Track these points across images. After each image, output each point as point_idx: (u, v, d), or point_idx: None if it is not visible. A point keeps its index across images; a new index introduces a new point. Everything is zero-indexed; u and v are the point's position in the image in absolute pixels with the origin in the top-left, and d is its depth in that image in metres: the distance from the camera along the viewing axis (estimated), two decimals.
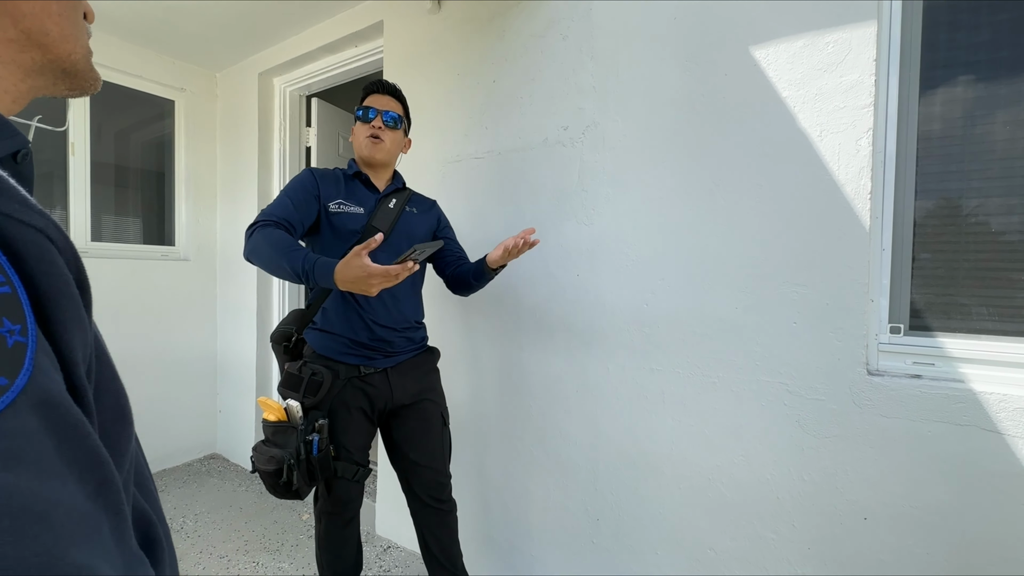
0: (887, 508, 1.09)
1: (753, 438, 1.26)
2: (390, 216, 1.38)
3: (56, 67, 0.37)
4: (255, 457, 1.29)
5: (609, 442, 1.49)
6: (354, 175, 1.41)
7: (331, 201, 1.33)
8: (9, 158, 0.35)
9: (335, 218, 1.32)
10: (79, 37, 0.38)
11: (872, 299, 1.14)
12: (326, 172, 1.39)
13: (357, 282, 1.06)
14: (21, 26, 0.34)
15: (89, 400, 0.27)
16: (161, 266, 2.75)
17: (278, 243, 1.16)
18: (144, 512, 0.36)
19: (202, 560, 1.94)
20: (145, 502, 0.38)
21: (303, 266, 1.10)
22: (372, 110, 1.37)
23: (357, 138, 1.39)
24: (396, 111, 1.40)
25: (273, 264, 1.16)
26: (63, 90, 0.40)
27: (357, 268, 1.04)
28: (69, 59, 0.37)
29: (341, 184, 1.38)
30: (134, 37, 2.50)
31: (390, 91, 1.41)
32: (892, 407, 1.09)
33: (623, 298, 1.46)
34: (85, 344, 0.27)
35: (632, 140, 1.43)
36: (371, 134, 1.36)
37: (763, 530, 1.25)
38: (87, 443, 0.24)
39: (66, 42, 0.37)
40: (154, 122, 2.82)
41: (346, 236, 1.32)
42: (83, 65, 0.39)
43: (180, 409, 2.83)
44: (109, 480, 0.25)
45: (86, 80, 0.40)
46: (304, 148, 2.77)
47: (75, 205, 2.45)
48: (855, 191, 1.12)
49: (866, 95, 1.10)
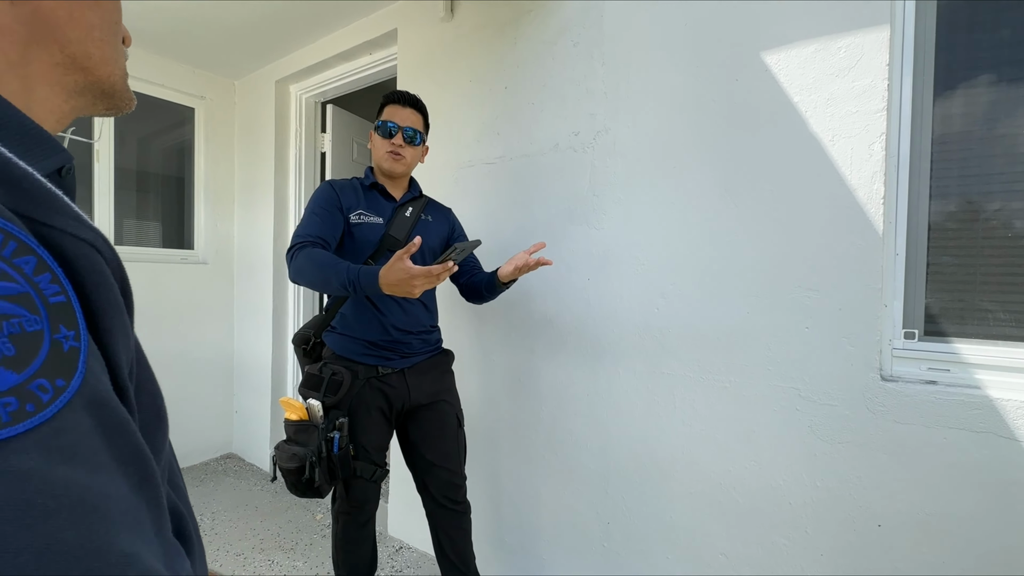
0: (901, 516, 1.08)
1: (765, 443, 1.25)
2: (407, 224, 1.41)
3: (96, 88, 0.40)
4: (277, 456, 1.32)
5: (619, 446, 1.50)
6: (371, 185, 1.43)
7: (352, 212, 1.37)
8: (55, 173, 0.37)
9: (356, 229, 1.36)
10: (118, 60, 0.40)
11: (886, 304, 1.13)
12: (344, 183, 1.42)
13: (401, 284, 1.09)
14: (67, 51, 0.37)
15: (132, 400, 0.29)
16: (180, 269, 2.82)
17: (321, 261, 1.20)
18: (176, 507, 0.38)
19: (219, 558, 1.98)
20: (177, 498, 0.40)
21: (348, 278, 1.14)
22: (393, 125, 1.38)
23: (377, 150, 1.41)
24: (416, 125, 1.41)
25: (319, 281, 1.21)
26: (101, 109, 0.42)
27: (400, 271, 1.08)
28: (109, 80, 0.40)
29: (360, 194, 1.41)
30: (157, 47, 2.57)
31: (411, 103, 1.42)
32: (906, 413, 1.08)
33: (634, 303, 1.46)
34: (128, 348, 0.29)
35: (643, 146, 1.44)
36: (391, 151, 1.38)
37: (775, 536, 1.24)
38: (132, 440, 0.26)
39: (107, 65, 0.39)
40: (175, 129, 2.90)
41: (366, 246, 1.36)
42: (120, 86, 0.41)
43: (198, 409, 2.89)
44: (150, 475, 0.27)
45: (122, 100, 0.42)
46: (319, 154, 2.82)
47: (99, 210, 2.53)
48: (868, 196, 1.12)
49: (879, 99, 1.10)
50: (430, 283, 1.11)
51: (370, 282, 1.12)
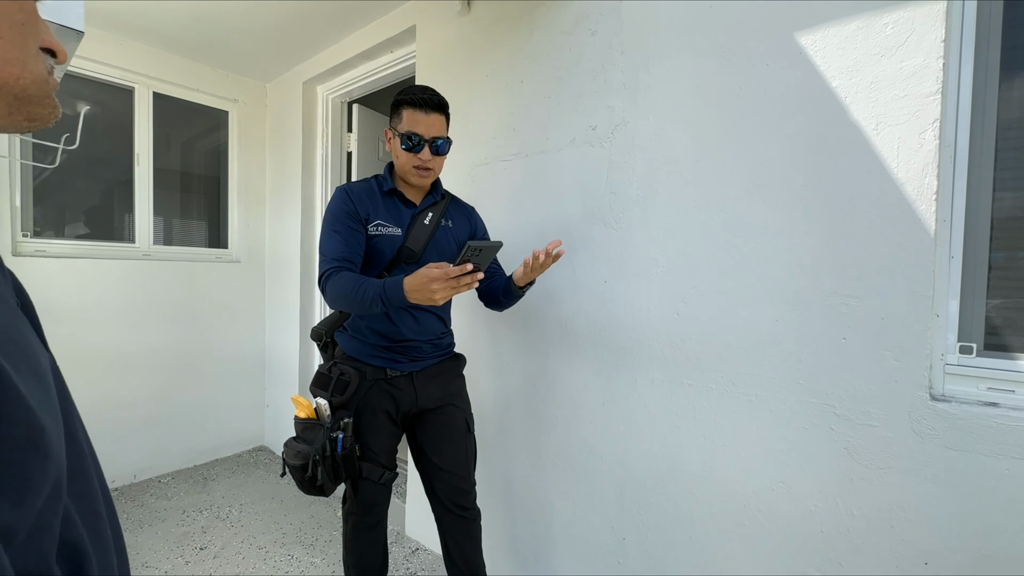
0: (954, 554, 0.95)
1: (795, 464, 1.14)
2: (425, 233, 1.34)
3: (6, 94, 0.37)
4: (285, 452, 1.33)
5: (636, 458, 1.41)
6: (390, 191, 1.35)
7: (370, 223, 1.30)
8: None
9: (373, 241, 1.30)
10: (27, 62, 0.37)
11: (938, 314, 1.00)
12: (360, 189, 1.33)
13: (422, 289, 1.05)
14: None
15: None
16: (216, 268, 2.92)
17: (348, 290, 1.16)
18: (76, 546, 0.35)
19: (242, 550, 2.03)
20: (87, 532, 0.37)
21: (375, 296, 1.12)
22: (419, 140, 1.26)
23: (400, 161, 1.30)
24: (443, 131, 1.30)
25: (355, 308, 1.19)
26: (21, 121, 0.39)
27: (421, 275, 1.05)
28: (17, 84, 0.37)
29: (377, 199, 1.33)
30: (192, 54, 2.66)
31: (435, 106, 1.27)
32: (960, 438, 0.95)
33: (652, 307, 1.37)
34: None
35: (663, 139, 1.34)
36: (419, 166, 1.28)
37: (805, 566, 1.13)
38: None
39: (11, 66, 0.36)
40: (214, 132, 3.00)
41: (383, 258, 1.31)
42: (34, 91, 0.38)
43: (231, 403, 2.99)
44: None
45: (41, 108, 0.40)
46: (345, 153, 2.85)
47: (140, 210, 2.65)
48: (917, 191, 0.99)
49: (932, 81, 0.97)
50: (452, 289, 1.04)
51: (396, 293, 1.09)
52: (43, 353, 0.38)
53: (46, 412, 0.32)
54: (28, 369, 0.33)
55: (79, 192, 2.55)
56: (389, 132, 1.33)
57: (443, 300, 1.06)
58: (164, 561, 1.94)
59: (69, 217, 2.53)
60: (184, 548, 2.03)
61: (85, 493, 0.38)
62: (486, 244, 1.01)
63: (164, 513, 2.31)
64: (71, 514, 0.35)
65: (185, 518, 2.27)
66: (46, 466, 0.31)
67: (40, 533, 0.31)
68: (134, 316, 2.59)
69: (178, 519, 2.26)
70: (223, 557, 1.98)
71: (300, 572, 1.90)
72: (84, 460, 0.39)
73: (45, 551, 0.31)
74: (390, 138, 1.33)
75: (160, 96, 2.69)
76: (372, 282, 1.14)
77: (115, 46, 2.46)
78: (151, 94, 2.65)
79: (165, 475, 2.70)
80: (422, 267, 1.07)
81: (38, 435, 0.30)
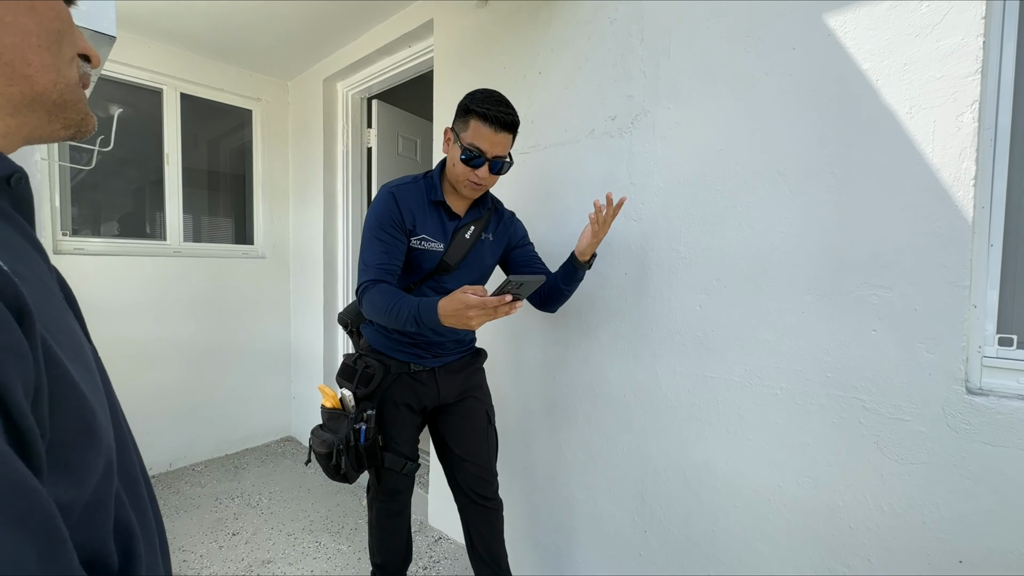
0: (991, 553, 0.92)
1: (821, 459, 1.12)
2: (463, 248, 1.32)
3: (44, 101, 0.39)
4: (312, 440, 1.37)
5: (658, 451, 1.40)
6: (438, 203, 1.31)
7: (414, 235, 1.27)
8: (3, 181, 0.37)
9: (415, 254, 1.28)
10: (61, 68, 0.39)
11: (975, 304, 0.96)
12: (408, 195, 1.28)
13: (457, 315, 1.02)
14: (4, 58, 0.35)
15: (28, 426, 0.27)
16: (243, 264, 3.00)
17: (385, 305, 1.15)
18: (127, 526, 0.37)
19: (272, 535, 2.10)
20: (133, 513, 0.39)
21: (409, 316, 1.10)
22: (479, 157, 1.20)
23: (456, 171, 1.25)
24: (506, 151, 1.23)
25: (390, 323, 1.16)
26: (59, 129, 0.41)
27: (457, 300, 1.02)
28: (55, 89, 0.39)
29: (424, 209, 1.29)
30: (216, 54, 2.72)
31: (506, 126, 1.19)
32: (999, 434, 0.91)
33: (674, 299, 1.35)
34: (24, 370, 0.27)
35: (684, 128, 1.32)
36: (475, 181, 1.23)
37: (832, 562, 1.11)
38: None
39: (48, 72, 0.38)
40: (239, 130, 3.07)
41: (420, 269, 1.31)
42: (70, 97, 0.40)
43: (260, 395, 3.09)
44: (34, 509, 0.25)
45: (75, 114, 0.41)
46: (365, 149, 2.88)
47: (170, 209, 2.74)
48: (954, 176, 0.95)
49: (971, 61, 0.92)
50: (487, 317, 1.01)
51: (430, 316, 1.07)
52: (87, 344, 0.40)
53: (95, 398, 0.34)
54: (77, 358, 0.35)
55: (113, 192, 2.65)
56: (450, 133, 1.27)
57: (478, 327, 1.03)
58: (199, 545, 2.02)
59: (105, 216, 2.63)
60: (217, 533, 2.11)
61: (131, 477, 0.40)
62: (527, 279, 0.98)
63: (198, 500, 2.40)
64: (121, 495, 0.37)
65: (218, 505, 2.36)
66: (99, 447, 0.33)
67: (96, 511, 0.33)
68: (166, 311, 2.68)
69: (211, 506, 2.35)
70: (254, 543, 2.05)
71: (327, 558, 1.96)
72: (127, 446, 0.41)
73: (100, 528, 0.33)
74: (449, 139, 1.27)
75: (187, 97, 2.76)
76: (407, 301, 1.12)
77: (144, 49, 2.54)
78: (178, 95, 2.72)
79: (198, 463, 2.81)
80: (457, 290, 1.03)
81: (90, 418, 0.32)
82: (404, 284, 1.32)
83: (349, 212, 2.87)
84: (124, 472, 0.39)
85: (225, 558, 1.94)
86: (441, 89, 2.03)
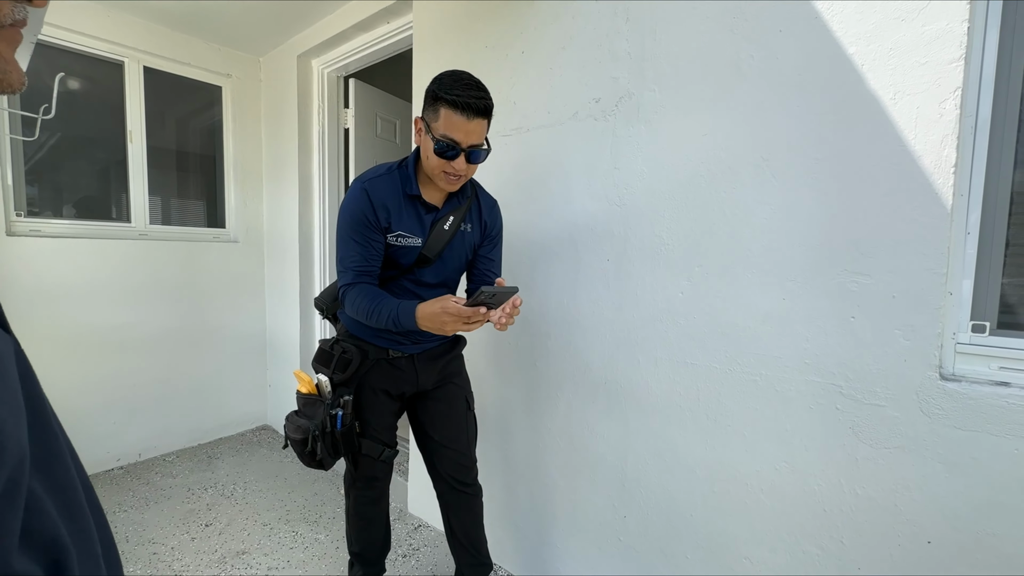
0: (958, 534, 0.95)
1: (799, 444, 1.13)
2: (442, 240, 1.28)
3: None
4: (287, 426, 1.34)
5: (638, 437, 1.41)
6: (414, 197, 1.25)
7: (391, 232, 1.23)
8: None
9: (392, 250, 1.25)
10: None
11: (951, 291, 0.97)
12: (381, 189, 1.21)
13: (433, 318, 1.09)
14: None
15: None
16: (213, 247, 2.88)
17: (366, 307, 1.18)
18: (55, 540, 0.33)
19: (247, 526, 2.05)
20: (67, 524, 0.35)
21: (388, 319, 1.15)
22: (455, 149, 1.13)
23: (429, 163, 1.18)
24: (482, 137, 1.16)
25: (371, 324, 1.20)
26: None
27: (435, 307, 1.08)
28: None
29: (400, 204, 1.23)
30: (182, 26, 2.57)
31: (480, 111, 1.12)
32: (970, 418, 0.93)
33: (656, 285, 1.34)
34: None
35: (669, 111, 1.29)
36: (451, 173, 1.17)
37: (807, 544, 1.13)
38: None
39: None
40: (208, 109, 2.93)
41: (399, 264, 1.28)
42: None
43: (234, 383, 3.00)
44: None
45: None
46: (342, 130, 2.78)
47: (134, 189, 2.60)
48: (935, 163, 0.95)
49: (955, 47, 0.92)
50: (464, 325, 1.07)
51: (408, 319, 1.13)
52: (2, 338, 0.35)
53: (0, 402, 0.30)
54: None
55: (74, 172, 2.50)
56: (420, 123, 1.19)
57: (452, 332, 1.11)
58: (170, 538, 1.96)
59: (67, 198, 2.48)
60: (190, 525, 2.06)
61: (63, 484, 0.36)
62: (500, 290, 1.02)
63: (170, 491, 2.33)
64: (45, 507, 0.33)
65: (190, 496, 2.29)
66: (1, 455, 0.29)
67: None
68: (133, 296, 2.57)
69: (183, 496, 2.28)
70: (228, 534, 2.00)
71: (304, 548, 1.92)
72: (60, 450, 0.37)
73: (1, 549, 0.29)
74: (420, 130, 1.19)
75: (151, 71, 2.61)
76: (387, 304, 1.16)
77: (103, 18, 2.38)
78: (142, 69, 2.57)
79: (170, 454, 2.73)
80: (439, 298, 1.09)
81: None
82: (383, 277, 1.30)
83: (326, 195, 2.78)
84: (56, 479, 0.35)
85: (198, 550, 1.90)
86: (421, 68, 1.96)
